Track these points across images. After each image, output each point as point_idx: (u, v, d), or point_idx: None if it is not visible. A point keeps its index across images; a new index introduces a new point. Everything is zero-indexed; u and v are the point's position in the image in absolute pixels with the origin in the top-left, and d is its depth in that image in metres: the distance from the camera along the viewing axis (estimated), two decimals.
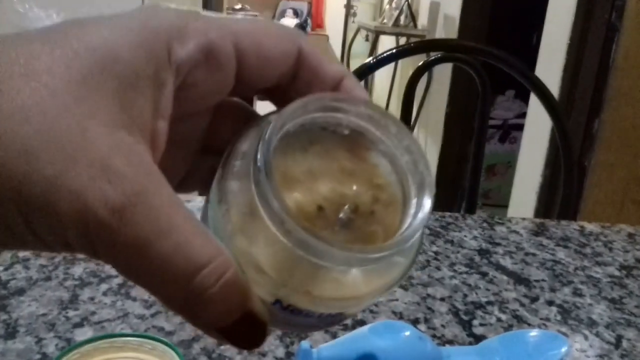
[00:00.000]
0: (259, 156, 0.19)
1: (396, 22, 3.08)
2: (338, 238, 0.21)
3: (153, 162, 0.19)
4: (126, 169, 0.18)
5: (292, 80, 0.23)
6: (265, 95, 0.25)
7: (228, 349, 0.50)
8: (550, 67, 1.67)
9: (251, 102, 0.27)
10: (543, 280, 0.67)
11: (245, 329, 0.20)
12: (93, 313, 0.53)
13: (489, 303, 0.61)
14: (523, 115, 2.07)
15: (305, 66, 0.23)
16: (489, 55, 1.04)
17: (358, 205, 0.22)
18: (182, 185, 0.26)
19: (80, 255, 0.63)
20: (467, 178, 1.14)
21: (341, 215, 0.21)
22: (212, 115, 0.25)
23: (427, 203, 0.21)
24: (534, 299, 0.62)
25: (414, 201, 0.22)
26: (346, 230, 0.21)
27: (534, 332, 0.53)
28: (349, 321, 0.55)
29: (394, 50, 1.05)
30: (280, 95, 0.24)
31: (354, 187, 0.22)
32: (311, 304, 0.21)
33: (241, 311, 0.20)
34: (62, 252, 0.18)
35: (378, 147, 0.23)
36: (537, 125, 1.75)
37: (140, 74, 0.19)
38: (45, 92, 0.17)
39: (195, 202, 0.66)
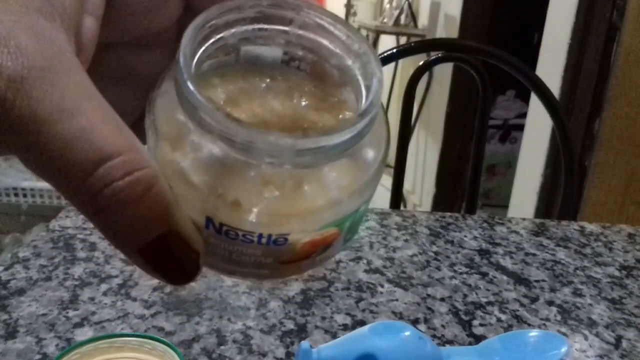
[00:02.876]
0: (180, 49, 0.18)
1: (396, 22, 3.08)
2: None
3: (72, 52, 0.17)
4: (31, 43, 0.16)
5: None
6: None
7: (228, 349, 0.50)
8: (551, 66, 1.67)
9: None
10: (543, 280, 0.67)
11: (172, 253, 0.17)
12: (93, 313, 0.53)
13: (489, 303, 0.61)
14: (523, 115, 2.07)
15: None
16: (489, 55, 1.04)
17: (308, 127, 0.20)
18: (137, 126, 0.23)
19: (80, 255, 0.63)
20: (468, 178, 1.14)
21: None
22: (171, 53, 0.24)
23: (374, 84, 0.19)
24: (534, 299, 0.62)
25: (363, 100, 0.19)
26: None
27: (534, 332, 0.53)
28: (349, 321, 0.55)
29: (395, 50, 1.05)
30: None
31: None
32: (244, 221, 0.18)
33: (163, 227, 0.17)
34: None
35: (331, 62, 0.21)
36: (538, 125, 1.75)
37: None
38: None
39: None
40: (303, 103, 0.20)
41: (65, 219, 0.71)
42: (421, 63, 1.09)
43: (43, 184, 2.08)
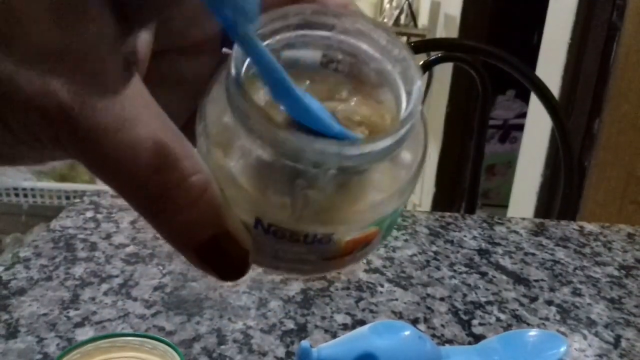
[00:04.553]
0: (231, 60, 0.19)
1: (396, 22, 3.07)
2: None
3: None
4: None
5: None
6: None
7: (228, 349, 0.50)
8: (550, 66, 1.67)
9: None
10: (542, 280, 0.67)
11: (223, 252, 0.19)
12: (94, 313, 0.53)
13: (489, 303, 0.61)
14: (523, 115, 2.07)
15: None
16: (489, 54, 1.04)
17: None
18: (185, 129, 0.25)
19: (81, 255, 0.63)
20: (467, 178, 1.14)
21: None
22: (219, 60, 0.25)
23: (415, 90, 0.20)
24: (533, 299, 0.62)
25: (404, 105, 0.20)
26: None
27: (533, 332, 0.53)
28: (348, 320, 0.55)
29: None
30: None
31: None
32: (291, 221, 0.20)
33: (216, 228, 0.19)
34: (38, 151, 0.19)
35: (370, 66, 0.22)
36: (538, 125, 1.75)
37: None
38: None
39: None
40: (345, 105, 0.21)
41: (66, 219, 0.71)
42: (421, 63, 1.09)
43: (43, 184, 2.08)
